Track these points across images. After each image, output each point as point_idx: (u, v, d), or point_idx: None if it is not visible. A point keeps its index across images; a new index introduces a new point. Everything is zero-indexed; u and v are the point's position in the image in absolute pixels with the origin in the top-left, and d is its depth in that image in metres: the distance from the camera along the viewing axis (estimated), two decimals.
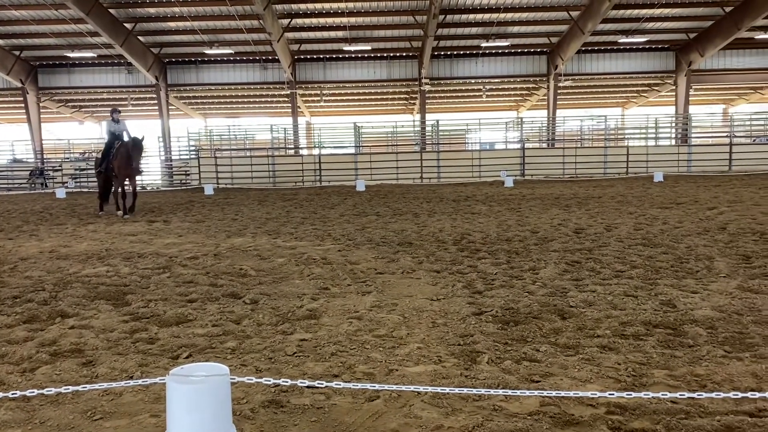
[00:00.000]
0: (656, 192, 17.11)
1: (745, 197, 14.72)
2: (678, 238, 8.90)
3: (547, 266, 7.15)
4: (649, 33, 30.86)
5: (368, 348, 4.44)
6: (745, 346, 4.35)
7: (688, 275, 6.52)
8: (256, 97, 40.10)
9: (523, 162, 27.31)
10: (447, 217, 12.33)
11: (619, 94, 41.62)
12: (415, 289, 6.20)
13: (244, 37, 30.24)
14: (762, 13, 26.24)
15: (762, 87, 39.58)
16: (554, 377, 3.83)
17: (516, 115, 42.96)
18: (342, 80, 34.87)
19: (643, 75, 34.77)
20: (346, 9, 27.62)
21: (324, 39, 31.63)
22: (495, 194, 18.08)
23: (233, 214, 14.26)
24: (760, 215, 11.16)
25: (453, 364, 4.10)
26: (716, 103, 44.42)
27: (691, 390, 3.59)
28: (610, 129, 33.20)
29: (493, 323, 4.97)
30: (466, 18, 29.04)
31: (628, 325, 4.81)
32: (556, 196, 16.59)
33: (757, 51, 32.81)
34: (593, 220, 11.26)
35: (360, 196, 18.79)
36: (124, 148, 14.04)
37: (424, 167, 27.31)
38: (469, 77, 34.66)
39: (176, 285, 6.57)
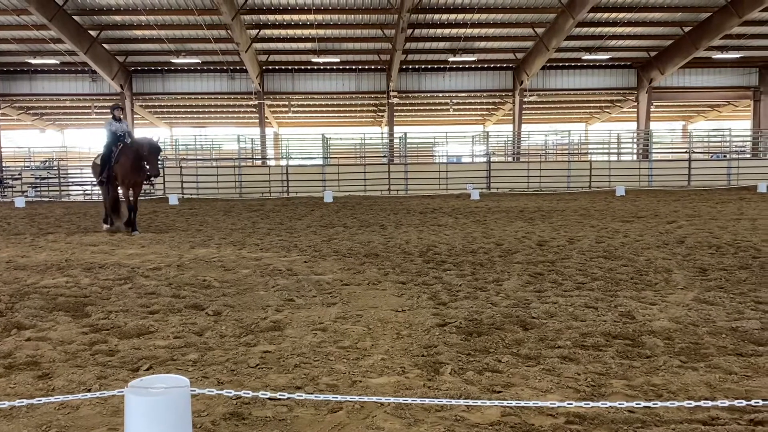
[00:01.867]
0: (618, 206, 17.47)
1: (703, 212, 15.14)
2: (638, 251, 9.10)
3: (510, 278, 7.24)
4: (612, 50, 31.62)
5: (332, 359, 4.43)
6: (700, 356, 4.46)
7: (647, 287, 6.68)
8: (224, 107, 39.82)
9: (489, 175, 27.63)
10: (414, 229, 12.39)
11: (583, 109, 42.47)
12: (380, 301, 6.21)
13: (212, 46, 30.06)
14: (718, 34, 27.11)
15: (719, 105, 40.83)
16: (515, 387, 3.88)
17: (482, 129, 43.47)
18: (310, 92, 34.86)
19: (606, 91, 35.55)
20: (314, 21, 27.69)
21: (292, 50, 31.63)
22: (461, 207, 18.24)
23: (198, 224, 14.09)
24: (716, 229, 11.49)
25: (416, 375, 4.12)
26: (676, 120, 45.63)
27: (647, 399, 3.67)
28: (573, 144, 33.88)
29: (456, 334, 5.01)
30: (434, 33, 29.37)
31: (588, 336, 4.90)
32: (520, 209, 16.81)
33: (715, 70, 33.86)
34: (556, 232, 11.44)
35: (327, 208, 18.76)
36: (131, 150, 12.30)
37: (391, 179, 27.42)
38: (436, 91, 35.00)
39: (138, 296, 6.47)
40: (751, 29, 28.07)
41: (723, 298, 6.11)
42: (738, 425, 3.34)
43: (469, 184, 26.31)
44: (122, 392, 2.85)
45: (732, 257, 8.42)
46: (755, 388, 3.84)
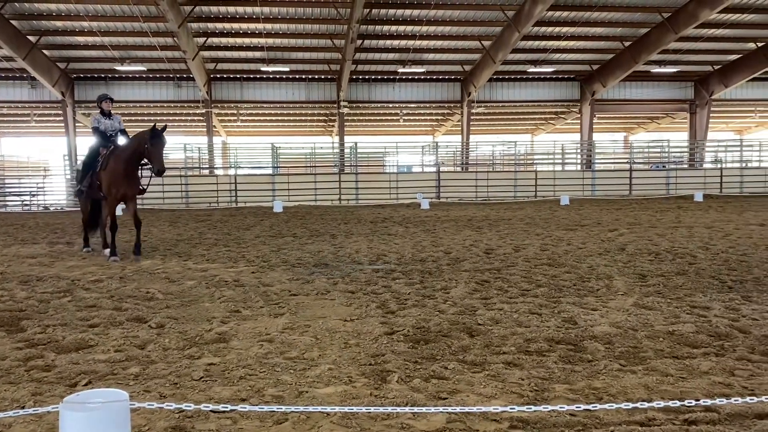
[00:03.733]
0: (562, 215, 17.90)
1: (643, 220, 15.66)
2: (581, 258, 9.34)
3: (458, 286, 7.32)
4: (557, 63, 32.47)
5: (278, 371, 4.39)
6: (639, 359, 4.61)
7: (589, 293, 6.86)
8: (170, 116, 39.02)
9: (439, 185, 27.92)
10: (364, 239, 12.40)
11: (529, 121, 43.41)
12: (328, 311, 6.19)
13: (158, 54, 29.49)
14: (656, 49, 28.20)
15: (658, 117, 42.37)
16: (461, 394, 3.92)
17: (432, 139, 43.93)
18: (260, 100, 34.54)
19: (550, 103, 36.46)
20: (263, 30, 27.51)
21: (241, 59, 31.32)
22: (411, 216, 18.36)
23: (142, 235, 13.72)
24: (656, 237, 11.90)
25: (363, 384, 4.11)
26: (618, 131, 47.10)
27: (588, 402, 3.76)
28: (520, 154, 34.60)
29: (404, 342, 5.03)
30: (383, 44, 29.58)
31: (532, 342, 4.99)
32: (469, 218, 17.04)
33: (653, 83, 35.15)
34: (503, 241, 11.64)
35: (277, 217, 18.60)
36: (125, 153, 9.67)
37: (342, 189, 27.40)
38: (386, 101, 35.20)
39: (77, 309, 6.26)
40: (687, 45, 29.30)
41: (661, 303, 6.32)
42: (673, 425, 3.46)
43: (419, 193, 26.52)
44: (57, 408, 2.75)
45: (670, 264, 8.73)
46: (689, 389, 3.98)
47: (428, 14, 26.26)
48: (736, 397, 3.74)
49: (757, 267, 8.34)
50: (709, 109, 34.94)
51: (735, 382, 4.11)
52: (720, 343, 4.94)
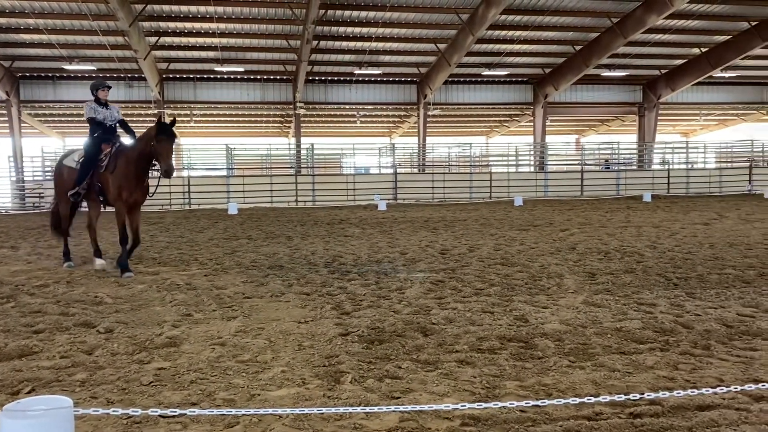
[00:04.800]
0: (516, 215, 18.19)
1: (593, 220, 16.03)
2: (533, 257, 9.51)
3: (413, 286, 7.36)
4: (510, 67, 32.97)
5: (230, 374, 4.34)
6: (588, 356, 4.72)
7: (540, 292, 6.99)
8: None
9: (396, 186, 28.02)
10: (320, 240, 12.36)
11: (484, 123, 43.96)
12: (283, 313, 6.14)
13: (108, 53, 28.76)
14: (606, 53, 28.92)
15: (608, 119, 43.46)
16: (414, 393, 3.95)
17: (389, 141, 44.07)
18: (214, 101, 34.05)
19: (504, 106, 37.00)
20: (217, 30, 27.13)
21: (194, 59, 30.81)
22: (368, 217, 18.38)
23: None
24: (605, 236, 12.20)
25: (317, 385, 4.10)
26: (570, 133, 48.13)
27: (538, 399, 3.83)
28: (475, 156, 35.00)
29: (358, 343, 5.04)
30: (340, 45, 29.53)
31: (485, 340, 5.06)
32: (425, 219, 17.15)
33: (604, 87, 36.01)
34: (458, 241, 11.76)
35: (232, 220, 18.36)
36: (134, 151, 8.50)
37: (299, 190, 27.23)
38: (343, 103, 35.14)
39: (21, 315, 6.06)
40: (635, 49, 30.12)
41: (609, 300, 6.49)
42: (619, 419, 3.56)
43: (377, 195, 26.57)
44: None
45: (618, 262, 8.97)
46: (635, 384, 4.10)
47: (384, 16, 26.34)
48: (678, 390, 3.86)
49: (701, 265, 8.63)
50: (657, 112, 36.02)
51: (678, 376, 4.25)
52: (665, 339, 5.10)
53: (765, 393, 3.83)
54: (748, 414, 3.56)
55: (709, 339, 5.07)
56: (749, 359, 4.57)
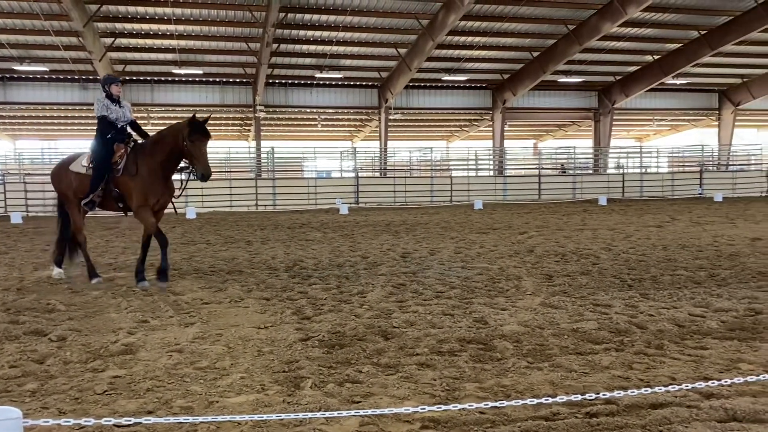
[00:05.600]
0: (476, 218, 18.38)
1: (551, 223, 16.31)
2: (492, 260, 9.62)
3: (374, 289, 7.37)
4: (470, 72, 33.32)
5: (188, 381, 4.27)
6: (545, 356, 4.79)
7: (499, 294, 7.07)
8: (76, 119, 37.18)
9: (358, 190, 28.00)
10: (281, 245, 12.26)
11: (444, 127, 44.32)
12: (242, 318, 6.07)
13: (62, 54, 28.02)
14: (563, 59, 29.49)
15: (565, 125, 44.29)
16: (375, 397, 3.95)
17: (351, 144, 44.05)
18: (172, 104, 33.47)
19: (464, 111, 37.37)
20: (175, 32, 26.70)
21: (152, 61, 30.25)
22: (330, 221, 18.31)
23: (44, 244, 12.99)
24: (562, 239, 12.42)
25: (276, 391, 4.07)
26: (528, 138, 48.88)
27: (497, 400, 3.87)
28: (436, 160, 35.25)
29: (319, 348, 5.01)
30: (300, 48, 29.39)
31: (445, 342, 5.09)
32: (387, 223, 17.19)
33: (561, 93, 36.70)
34: (419, 244, 11.81)
35: (190, 224, 18.07)
36: (157, 150, 7.84)
37: (259, 194, 26.97)
38: (304, 106, 34.97)
39: None
40: (591, 56, 30.79)
41: (566, 301, 6.61)
42: (576, 419, 3.62)
43: (338, 198, 26.50)
44: None
45: (575, 264, 9.14)
46: (591, 384, 4.18)
47: (344, 20, 26.32)
48: (633, 389, 3.96)
49: (654, 266, 8.86)
50: (611, 118, 36.85)
51: (633, 375, 4.35)
52: (620, 339, 5.21)
53: (715, 390, 3.95)
54: (699, 411, 3.67)
55: (662, 339, 5.20)
56: (700, 358, 4.71)
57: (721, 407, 3.69)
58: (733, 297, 6.74)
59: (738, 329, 5.47)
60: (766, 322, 5.69)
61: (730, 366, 4.51)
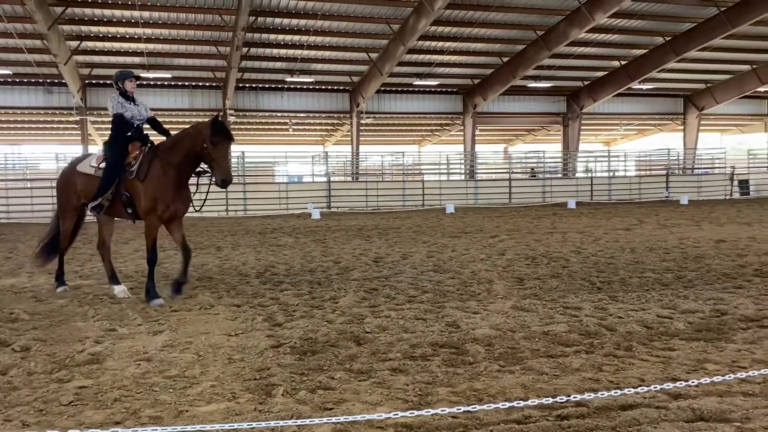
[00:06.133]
0: (448, 222, 18.46)
1: (521, 226, 16.46)
2: (464, 264, 9.67)
3: (347, 295, 7.34)
4: (441, 77, 33.52)
5: (157, 390, 4.19)
6: (516, 360, 4.82)
7: (471, 297, 7.10)
8: (40, 123, 36.40)
9: (329, 195, 27.92)
10: (251, 250, 12.15)
11: (416, 132, 44.47)
12: (212, 326, 5.99)
13: (25, 57, 27.44)
14: (532, 65, 29.83)
15: (535, 129, 44.81)
16: (347, 403, 3.92)
17: (322, 149, 43.93)
18: None
19: (435, 115, 37.56)
20: (143, 35, 26.34)
21: (119, 64, 29.73)
22: (302, 226, 18.22)
23: (7, 252, 12.70)
24: (533, 242, 12.54)
25: (247, 399, 4.02)
26: (498, 143, 49.34)
27: (469, 404, 3.88)
28: (408, 165, 35.33)
29: (291, 354, 4.97)
30: (271, 52, 29.23)
31: (417, 347, 5.09)
32: (359, 228, 17.16)
33: (530, 98, 37.12)
34: (392, 249, 11.81)
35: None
36: (174, 152, 7.25)
37: (229, 199, 26.70)
38: (275, 110, 34.77)
39: None
40: (559, 62, 31.20)
41: (537, 305, 6.67)
42: (547, 421, 3.65)
43: (310, 203, 26.38)
44: None
45: (545, 267, 9.23)
46: (562, 386, 4.22)
47: (315, 24, 26.26)
48: (603, 391, 4.00)
49: (623, 269, 9.00)
50: (580, 122, 37.39)
51: (603, 377, 4.40)
52: (590, 341, 5.27)
53: (682, 391, 4.01)
54: (667, 411, 3.72)
55: (631, 340, 5.27)
56: (668, 359, 4.79)
57: (689, 407, 3.75)
58: (699, 298, 6.87)
59: (704, 330, 5.57)
60: (732, 322, 5.82)
61: (697, 366, 4.59)
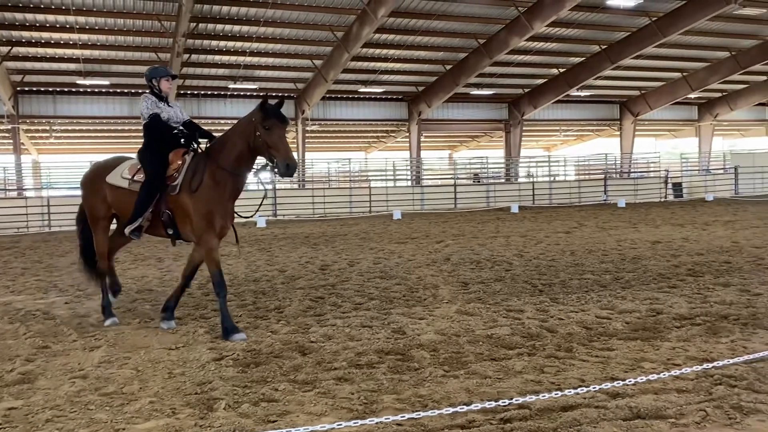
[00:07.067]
0: (395, 228, 18.53)
1: (467, 231, 16.66)
2: (410, 269, 9.71)
3: (291, 304, 7.26)
4: (386, 84, 33.70)
5: (92, 409, 4.04)
6: (461, 364, 4.86)
7: (417, 303, 7.14)
8: None
9: (275, 202, 27.63)
10: None
11: (362, 139, 44.56)
12: (152, 340, 5.82)
13: None
14: (474, 72, 30.34)
15: (478, 136, 45.56)
16: (291, 415, 3.87)
17: None
18: (76, 116, 31.94)
19: (381, 122, 37.74)
20: (78, 41, 25.50)
21: (54, 71, 28.74)
22: (247, 235, 17.95)
23: None
24: (477, 246, 12.71)
25: (188, 414, 3.91)
26: (443, 149, 49.94)
27: (414, 411, 3.88)
28: (354, 171, 35.34)
29: (233, 367, 4.88)
30: (213, 59, 28.80)
31: (363, 355, 5.07)
32: (305, 235, 17.04)
33: (473, 105, 37.73)
34: (338, 256, 11.76)
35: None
36: (227, 151, 6.26)
37: None
38: (218, 117, 34.19)
39: None
40: (501, 69, 31.82)
41: (481, 308, 6.75)
42: (491, 425, 3.68)
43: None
44: None
45: (489, 271, 9.37)
46: (505, 389, 4.27)
47: (258, 31, 26.00)
48: (545, 392, 4.07)
49: (563, 271, 9.21)
50: (521, 129, 38.22)
51: (544, 379, 4.47)
52: (532, 343, 5.36)
53: (620, 390, 4.12)
54: (606, 411, 3.81)
55: (571, 342, 5.39)
56: (607, 359, 4.91)
57: (627, 406, 3.85)
58: (636, 298, 7.09)
59: (641, 329, 5.75)
60: (666, 321, 6.02)
61: (635, 365, 4.73)
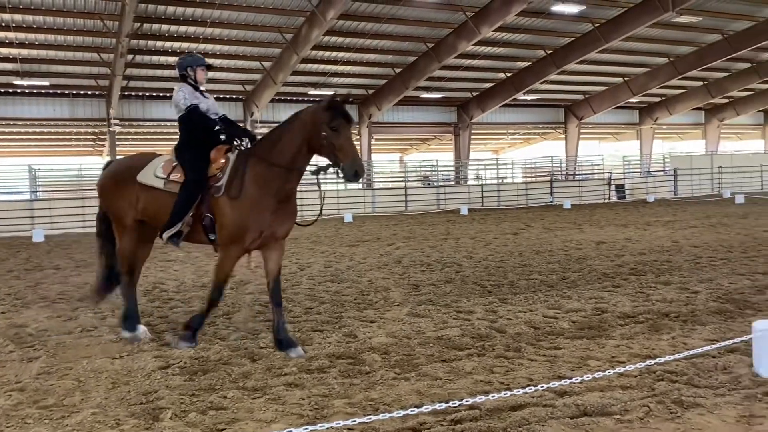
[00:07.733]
0: (346, 231, 18.50)
1: (417, 233, 16.77)
2: (361, 272, 9.70)
3: (241, 310, 7.15)
4: (335, 87, 33.58)
5: (30, 422, 3.88)
6: (412, 366, 4.87)
7: (368, 306, 7.13)
8: None
9: None
10: None
11: None
12: (95, 349, 5.63)
13: None
14: (423, 76, 30.60)
15: (428, 138, 45.95)
16: (240, 422, 3.80)
17: None
18: (13, 117, 30.74)
19: None
20: (15, 40, 24.53)
21: None
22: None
23: None
24: (428, 248, 12.80)
25: (132, 425, 3.80)
26: (394, 152, 50.16)
27: (365, 414, 3.86)
28: (305, 174, 35.08)
29: (180, 375, 4.76)
30: (158, 60, 28.16)
31: (314, 360, 5.03)
32: None
33: (423, 108, 38.06)
34: (288, 260, 11.64)
35: (37, 248, 16.58)
36: (280, 150, 5.52)
37: None
38: (164, 120, 33.44)
39: None
40: (450, 73, 32.19)
41: (431, 310, 6.79)
42: (441, 426, 3.70)
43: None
44: None
45: (439, 273, 9.44)
46: (456, 390, 4.30)
47: (205, 32, 25.57)
48: (494, 392, 4.11)
49: (512, 272, 9.36)
50: (470, 132, 38.75)
51: (494, 379, 4.53)
52: (481, 344, 5.43)
53: (567, 388, 4.21)
54: (554, 409, 3.89)
55: (519, 341, 5.48)
56: (554, 357, 5.01)
57: (574, 404, 3.94)
58: (582, 298, 7.26)
59: (587, 328, 5.89)
60: (611, 320, 6.19)
61: (581, 364, 4.84)
